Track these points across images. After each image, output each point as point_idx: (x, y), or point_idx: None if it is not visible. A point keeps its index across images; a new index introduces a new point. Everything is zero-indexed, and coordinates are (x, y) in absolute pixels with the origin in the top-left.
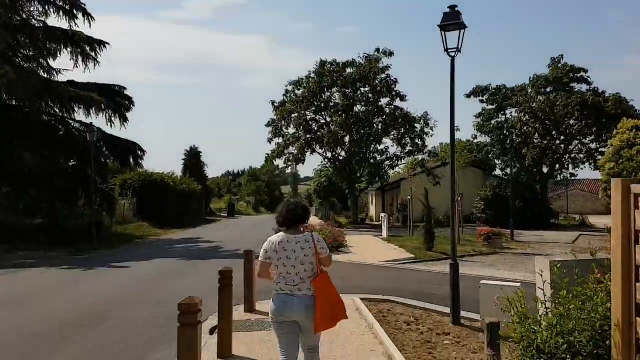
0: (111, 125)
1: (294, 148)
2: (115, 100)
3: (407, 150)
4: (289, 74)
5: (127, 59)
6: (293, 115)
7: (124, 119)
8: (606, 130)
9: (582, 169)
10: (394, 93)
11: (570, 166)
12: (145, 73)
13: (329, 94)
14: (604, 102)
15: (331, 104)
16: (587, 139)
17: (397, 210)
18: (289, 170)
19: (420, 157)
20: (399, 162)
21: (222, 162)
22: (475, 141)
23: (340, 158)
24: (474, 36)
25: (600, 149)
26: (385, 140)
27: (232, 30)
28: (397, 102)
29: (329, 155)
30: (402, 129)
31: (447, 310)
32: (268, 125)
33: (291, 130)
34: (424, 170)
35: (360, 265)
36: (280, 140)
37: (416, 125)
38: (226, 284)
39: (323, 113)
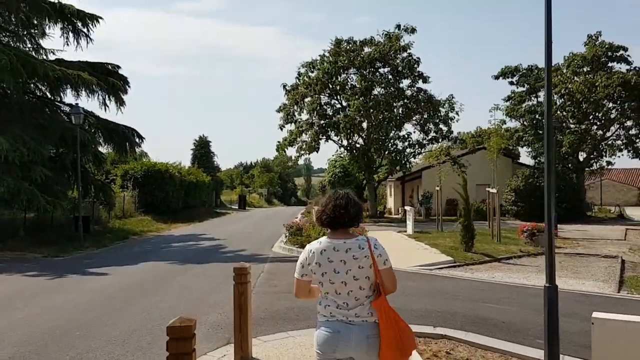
0: (105, 109)
1: (307, 135)
2: (108, 80)
3: (430, 137)
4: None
5: (139, 51)
6: (306, 100)
7: (120, 102)
8: None
9: (619, 156)
10: (416, 74)
11: (608, 153)
12: (159, 66)
13: (345, 75)
14: None
15: (347, 87)
16: (628, 124)
17: (419, 202)
18: (301, 162)
19: (445, 144)
20: (422, 150)
21: (235, 154)
22: (504, 126)
23: (357, 145)
24: (504, 15)
25: None
26: (406, 126)
27: (246, 22)
28: (420, 84)
29: (345, 142)
30: (425, 114)
31: (532, 352)
32: (279, 110)
33: (304, 116)
34: (450, 158)
35: None
36: (293, 127)
37: (440, 109)
38: (181, 349)
39: (338, 96)
